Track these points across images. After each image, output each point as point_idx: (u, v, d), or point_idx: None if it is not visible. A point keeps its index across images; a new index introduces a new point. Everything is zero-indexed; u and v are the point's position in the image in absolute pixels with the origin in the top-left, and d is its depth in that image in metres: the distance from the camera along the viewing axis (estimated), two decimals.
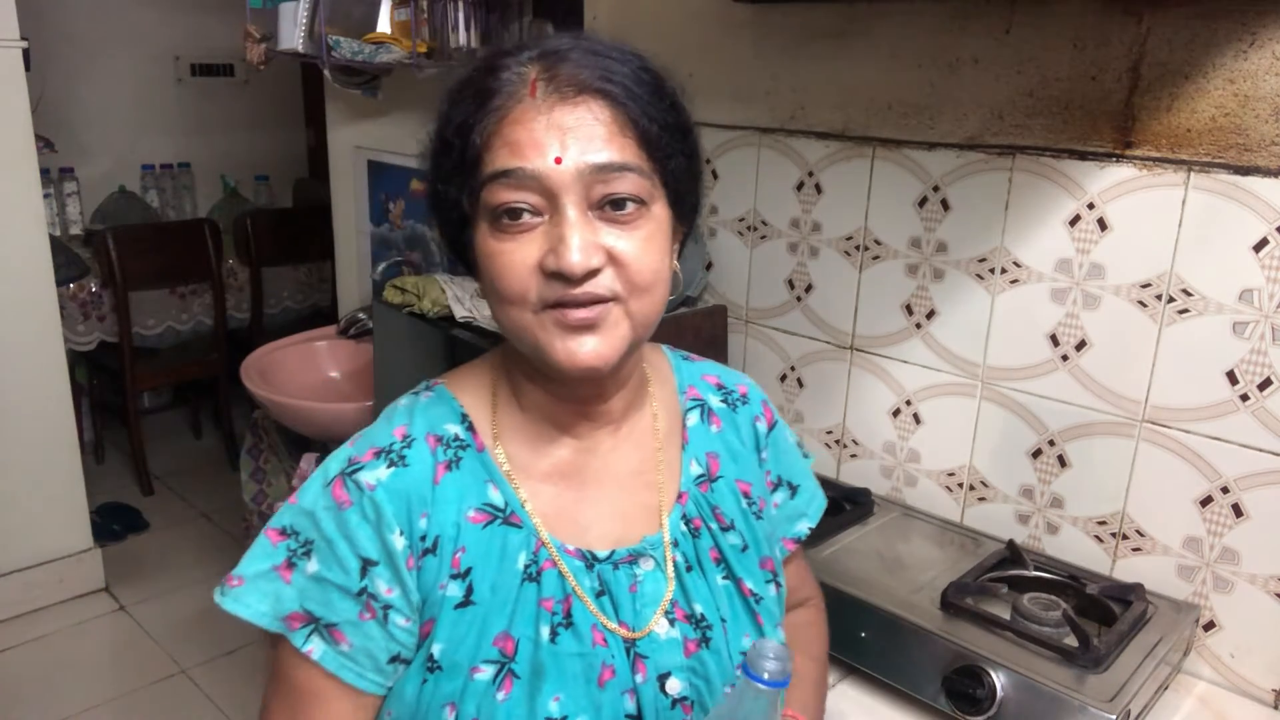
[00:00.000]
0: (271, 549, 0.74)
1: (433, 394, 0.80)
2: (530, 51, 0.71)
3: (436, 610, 0.73)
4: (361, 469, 0.73)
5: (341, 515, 0.72)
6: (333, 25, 1.87)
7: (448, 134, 0.73)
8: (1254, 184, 1.11)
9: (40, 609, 2.77)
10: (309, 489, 0.75)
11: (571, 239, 0.68)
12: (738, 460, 0.89)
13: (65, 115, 3.75)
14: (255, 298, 3.63)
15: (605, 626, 0.75)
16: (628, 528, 0.80)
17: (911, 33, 1.39)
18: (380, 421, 0.78)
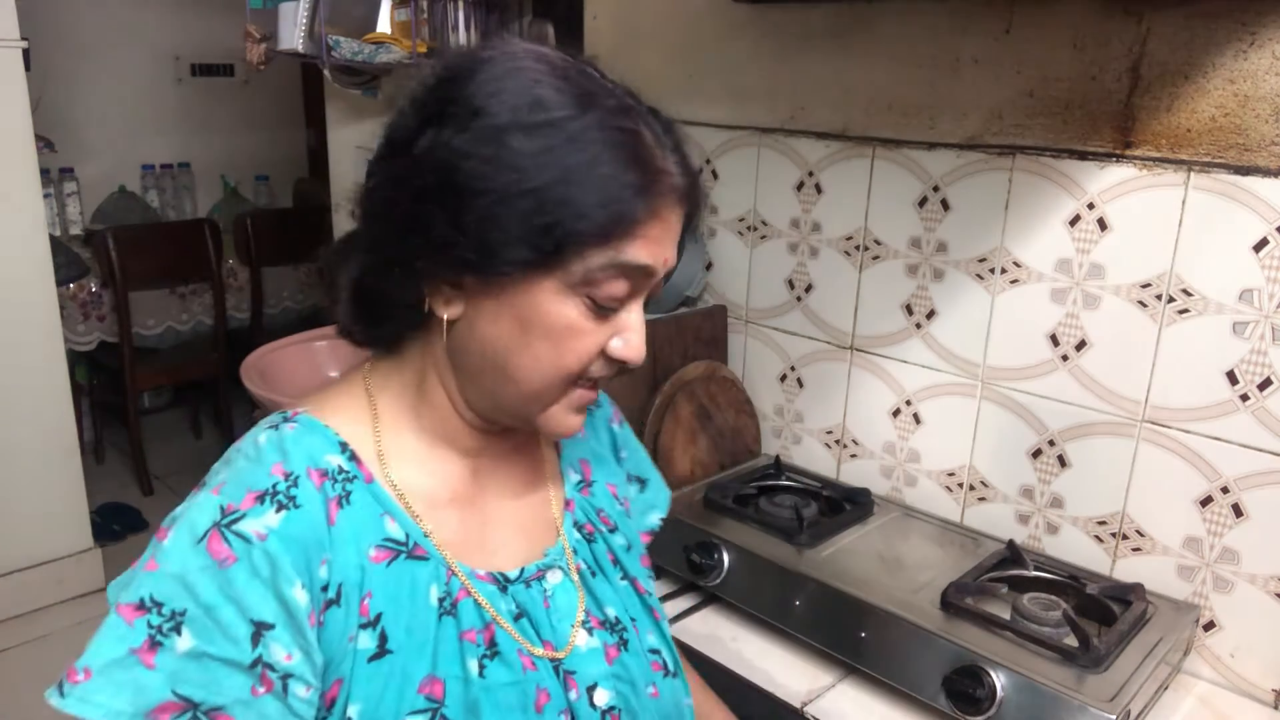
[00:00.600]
0: (127, 629, 0.61)
1: (297, 424, 0.70)
2: (669, 136, 0.69)
3: (346, 668, 0.65)
4: (243, 517, 0.63)
5: (225, 574, 0.61)
6: (333, 25, 1.87)
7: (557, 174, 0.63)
8: (1254, 184, 1.11)
9: (40, 609, 2.77)
10: (173, 551, 0.63)
11: (640, 334, 0.69)
12: (603, 464, 0.90)
13: (65, 115, 3.75)
14: (255, 298, 3.63)
15: (530, 651, 0.72)
16: (531, 542, 0.79)
17: (911, 33, 1.39)
18: (242, 461, 0.67)
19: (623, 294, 0.67)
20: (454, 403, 0.74)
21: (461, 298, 0.68)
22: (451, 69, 0.67)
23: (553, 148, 0.63)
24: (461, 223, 0.63)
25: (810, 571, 1.24)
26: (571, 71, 0.67)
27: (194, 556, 0.62)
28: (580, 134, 0.63)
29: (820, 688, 1.18)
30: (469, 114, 0.64)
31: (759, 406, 1.70)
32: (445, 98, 0.65)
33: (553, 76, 0.65)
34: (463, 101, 0.64)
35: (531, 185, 0.62)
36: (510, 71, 0.65)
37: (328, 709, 0.65)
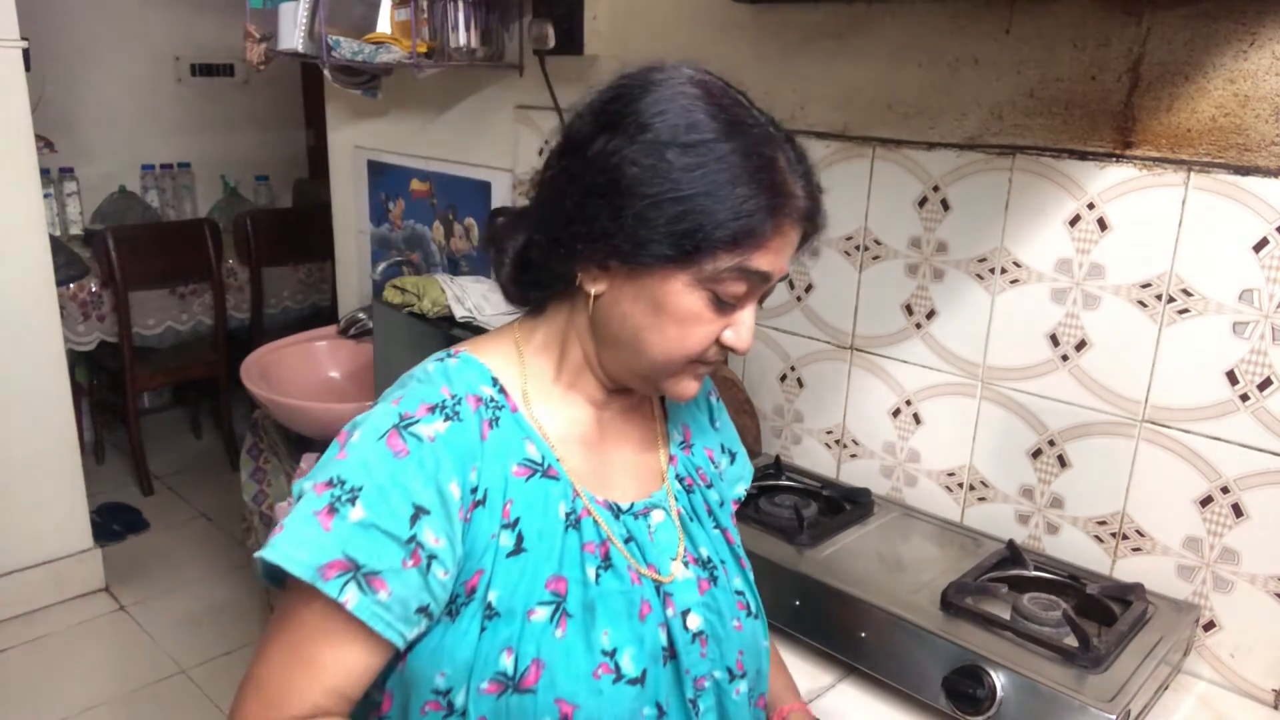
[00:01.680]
0: (315, 498, 0.74)
1: (458, 360, 0.85)
2: (801, 164, 0.81)
3: (488, 561, 0.77)
4: (416, 422, 0.77)
5: (398, 463, 0.75)
6: (333, 25, 1.87)
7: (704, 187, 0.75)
8: (1254, 184, 1.11)
9: (40, 609, 2.77)
10: (360, 444, 0.76)
11: (750, 329, 0.82)
12: (703, 430, 1.03)
13: (65, 115, 3.75)
14: (255, 298, 3.63)
15: (636, 569, 0.84)
16: (641, 484, 0.91)
17: (911, 33, 1.39)
18: (415, 384, 0.82)
19: (742, 293, 0.80)
20: (589, 363, 0.87)
21: (607, 278, 0.81)
22: (627, 86, 0.80)
23: (702, 165, 0.75)
24: (620, 218, 0.76)
25: (810, 571, 1.24)
26: (725, 100, 0.80)
27: (375, 447, 0.75)
28: (726, 156, 0.76)
29: (820, 688, 1.18)
30: (637, 128, 0.76)
31: (759, 406, 1.70)
32: (619, 111, 0.78)
33: (708, 103, 0.78)
34: (632, 116, 0.77)
35: (681, 194, 0.75)
36: (675, 95, 0.78)
37: (468, 595, 0.77)
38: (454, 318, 1.60)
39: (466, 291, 1.67)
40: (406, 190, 2.40)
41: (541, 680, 0.76)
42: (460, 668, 0.77)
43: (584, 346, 0.86)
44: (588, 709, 0.77)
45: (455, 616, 0.77)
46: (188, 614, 2.79)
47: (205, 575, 3.00)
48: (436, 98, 2.25)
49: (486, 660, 0.76)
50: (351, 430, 0.78)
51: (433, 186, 2.33)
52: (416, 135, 2.34)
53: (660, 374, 0.83)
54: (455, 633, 0.77)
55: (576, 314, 0.86)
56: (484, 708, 0.76)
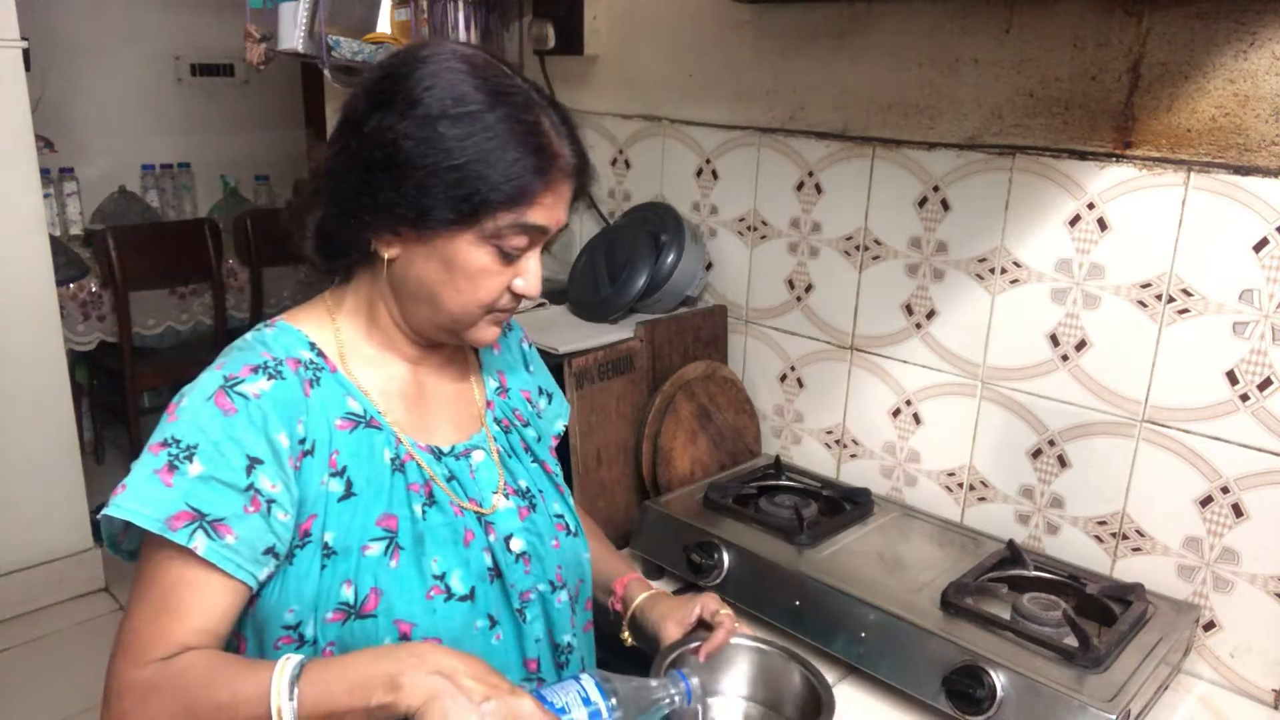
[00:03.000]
0: (153, 458, 0.80)
1: (275, 328, 0.92)
2: (565, 126, 0.89)
3: (320, 505, 0.85)
4: (242, 382, 0.84)
5: (229, 420, 0.82)
6: (333, 25, 1.87)
7: (475, 154, 0.82)
8: (1254, 184, 1.11)
9: (40, 609, 2.77)
10: (189, 406, 0.82)
11: (538, 275, 0.91)
12: (516, 374, 1.12)
13: (65, 115, 3.75)
14: (255, 298, 3.63)
15: (458, 503, 0.94)
16: (460, 429, 1.00)
17: (911, 33, 1.39)
18: (237, 351, 0.88)
19: (524, 245, 0.88)
20: (396, 322, 0.95)
21: (399, 243, 0.88)
22: (395, 66, 0.86)
23: (472, 134, 0.82)
24: (401, 189, 0.83)
25: (810, 571, 1.24)
26: (489, 71, 0.86)
27: (205, 407, 0.82)
28: (493, 124, 0.83)
29: None
30: (408, 104, 0.83)
31: (759, 406, 1.70)
32: (389, 89, 0.84)
33: (473, 76, 0.85)
34: (403, 93, 0.83)
35: (455, 162, 0.82)
36: (441, 70, 0.84)
37: (302, 538, 0.85)
38: None
39: None
40: None
41: (380, 605, 0.85)
42: (306, 603, 0.84)
43: (389, 307, 0.94)
44: (424, 625, 0.87)
45: (292, 559, 0.84)
46: None
47: None
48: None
49: (329, 593, 0.84)
50: (180, 398, 0.84)
51: None
52: None
53: (460, 325, 0.92)
54: (297, 572, 0.84)
55: (378, 278, 0.93)
56: (330, 634, 0.85)
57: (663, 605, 1.10)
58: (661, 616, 1.08)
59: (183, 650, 0.78)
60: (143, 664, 0.77)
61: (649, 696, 0.88)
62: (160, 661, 0.77)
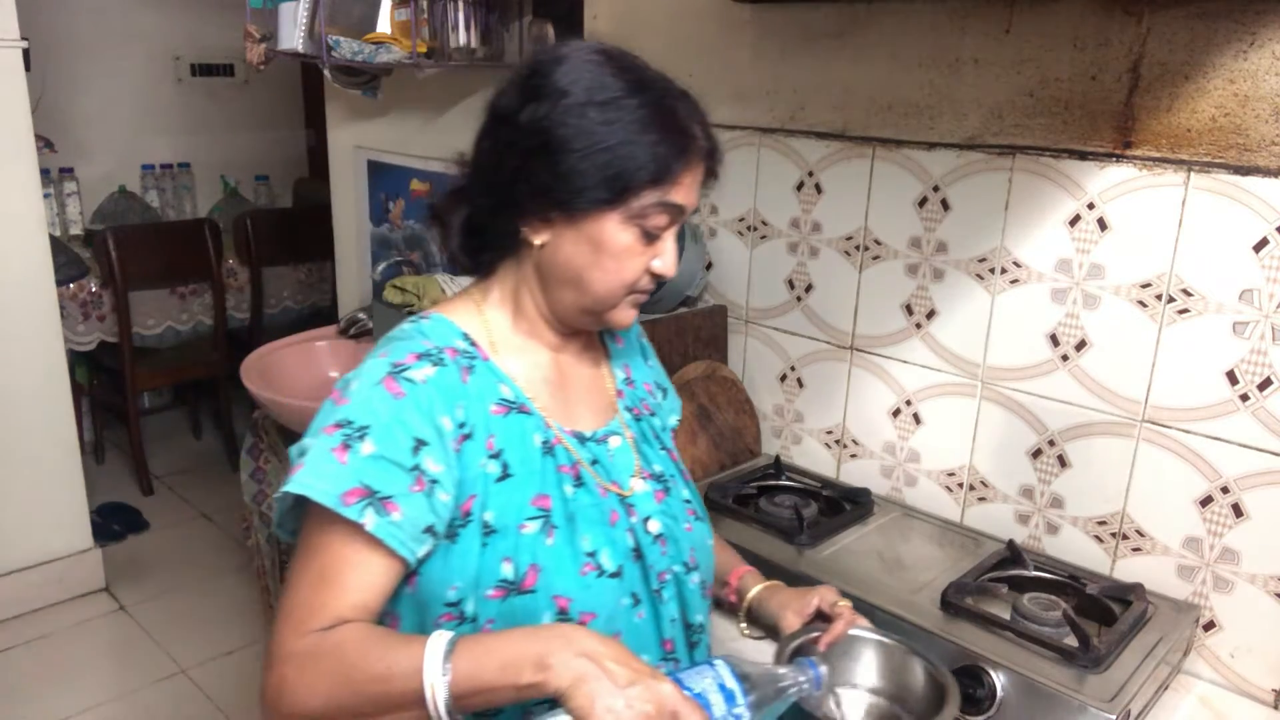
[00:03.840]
0: (328, 438, 0.84)
1: (430, 320, 0.96)
2: (698, 113, 0.95)
3: (479, 486, 0.89)
4: (409, 368, 0.89)
5: (397, 403, 0.86)
6: (333, 25, 1.87)
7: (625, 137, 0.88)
8: (1254, 184, 1.11)
9: (40, 609, 2.77)
10: (359, 390, 0.87)
11: (673, 255, 0.96)
12: (639, 367, 1.16)
13: (65, 115, 3.75)
14: (255, 298, 3.63)
15: (602, 485, 0.97)
16: (598, 415, 1.04)
17: (911, 33, 1.39)
18: (399, 341, 0.93)
19: (664, 224, 0.93)
20: (540, 310, 0.99)
21: (549, 228, 0.92)
22: (541, 63, 0.91)
23: (619, 119, 0.88)
24: (558, 172, 0.88)
25: (810, 571, 1.24)
26: (625, 63, 0.92)
27: (375, 391, 0.87)
28: (635, 109, 0.88)
29: None
30: (558, 94, 0.88)
31: (759, 406, 1.70)
32: (539, 84, 0.90)
33: (613, 67, 0.91)
34: (552, 86, 0.89)
35: (605, 145, 0.87)
36: (584, 64, 0.90)
37: (464, 518, 0.88)
38: None
39: None
40: (406, 190, 2.40)
41: (540, 581, 0.88)
42: (468, 580, 0.87)
43: (534, 296, 0.98)
44: (580, 600, 0.90)
45: (454, 539, 0.88)
46: (188, 614, 2.79)
47: (205, 575, 2.99)
48: (436, 98, 2.25)
49: (489, 570, 0.87)
50: (345, 385, 0.89)
51: (433, 186, 2.33)
52: (416, 135, 2.34)
53: (603, 306, 0.95)
54: (459, 551, 0.88)
55: (523, 267, 0.97)
56: (491, 610, 0.87)
57: (780, 596, 1.14)
58: (780, 607, 1.12)
59: (340, 623, 0.81)
60: (303, 633, 0.81)
61: (779, 683, 0.88)
62: (319, 632, 0.81)
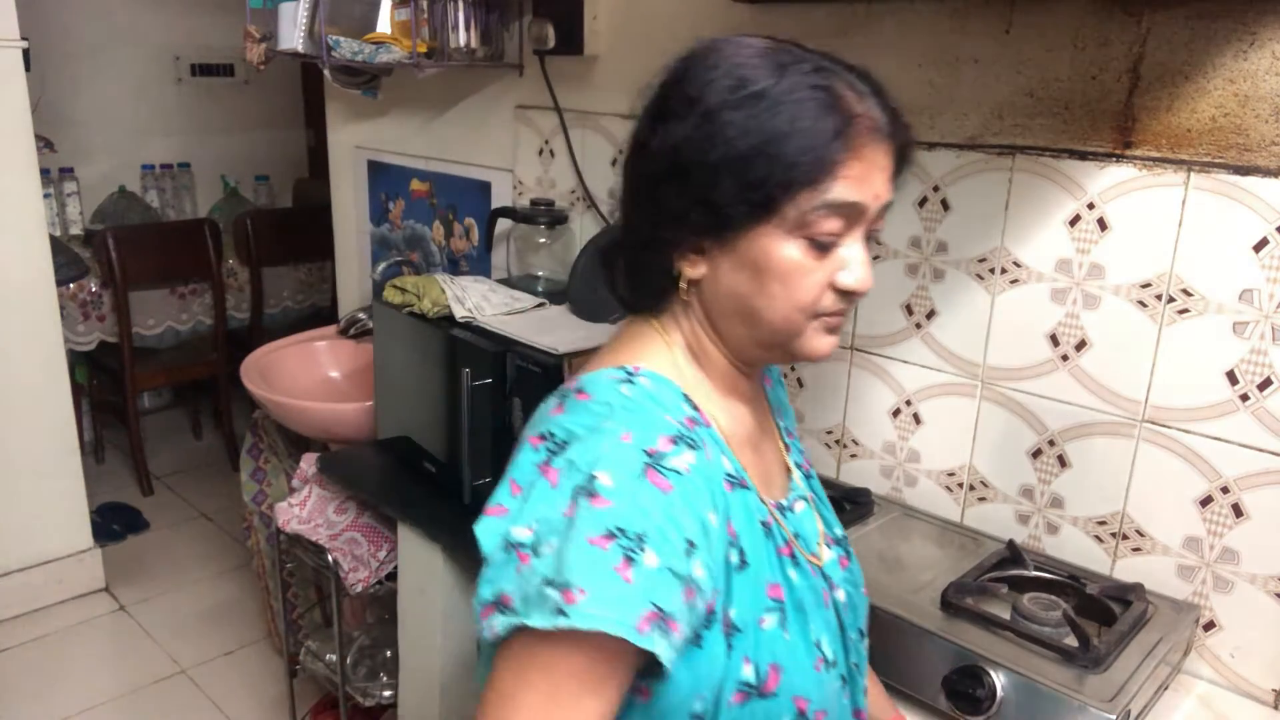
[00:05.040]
0: (603, 553, 0.68)
1: (649, 380, 0.80)
2: (865, 84, 0.77)
3: (723, 581, 0.76)
4: (667, 455, 0.73)
5: (667, 499, 0.71)
6: (333, 25, 1.87)
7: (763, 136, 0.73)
8: (1254, 184, 1.11)
9: (40, 609, 2.77)
10: (621, 489, 0.70)
11: (865, 265, 0.78)
12: (786, 413, 1.02)
13: (65, 115, 3.74)
14: (255, 298, 3.63)
15: (811, 560, 0.86)
16: (783, 477, 0.92)
17: (911, 33, 1.39)
18: (633, 414, 0.76)
19: (838, 230, 0.76)
20: (723, 352, 0.84)
21: (704, 260, 0.79)
22: (670, 72, 0.80)
23: (756, 115, 0.73)
24: (689, 194, 0.76)
25: None
26: (768, 48, 0.78)
27: (641, 487, 0.71)
28: (779, 97, 0.73)
29: None
30: (687, 104, 0.76)
31: None
32: (666, 97, 0.79)
33: (752, 57, 0.76)
34: (681, 97, 0.77)
35: (740, 150, 0.73)
36: (717, 60, 0.77)
37: (708, 616, 0.74)
38: (454, 318, 1.60)
39: (466, 291, 1.67)
40: (406, 190, 2.40)
41: (781, 683, 0.78)
42: (714, 687, 0.75)
43: (711, 337, 0.84)
44: (816, 700, 0.80)
45: (700, 642, 0.74)
46: (188, 614, 2.79)
47: (205, 575, 3.00)
48: (436, 98, 2.25)
49: (733, 674, 0.76)
50: (589, 478, 0.71)
51: (433, 186, 2.33)
52: (416, 135, 2.34)
53: (784, 337, 0.80)
54: (705, 656, 0.75)
55: (691, 308, 0.84)
56: (730, 718, 0.76)
57: None
58: None
59: None
60: None
61: None
62: None
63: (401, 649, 1.72)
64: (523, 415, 1.47)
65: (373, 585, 1.80)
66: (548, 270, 1.93)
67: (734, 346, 0.84)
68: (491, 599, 0.70)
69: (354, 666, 2.01)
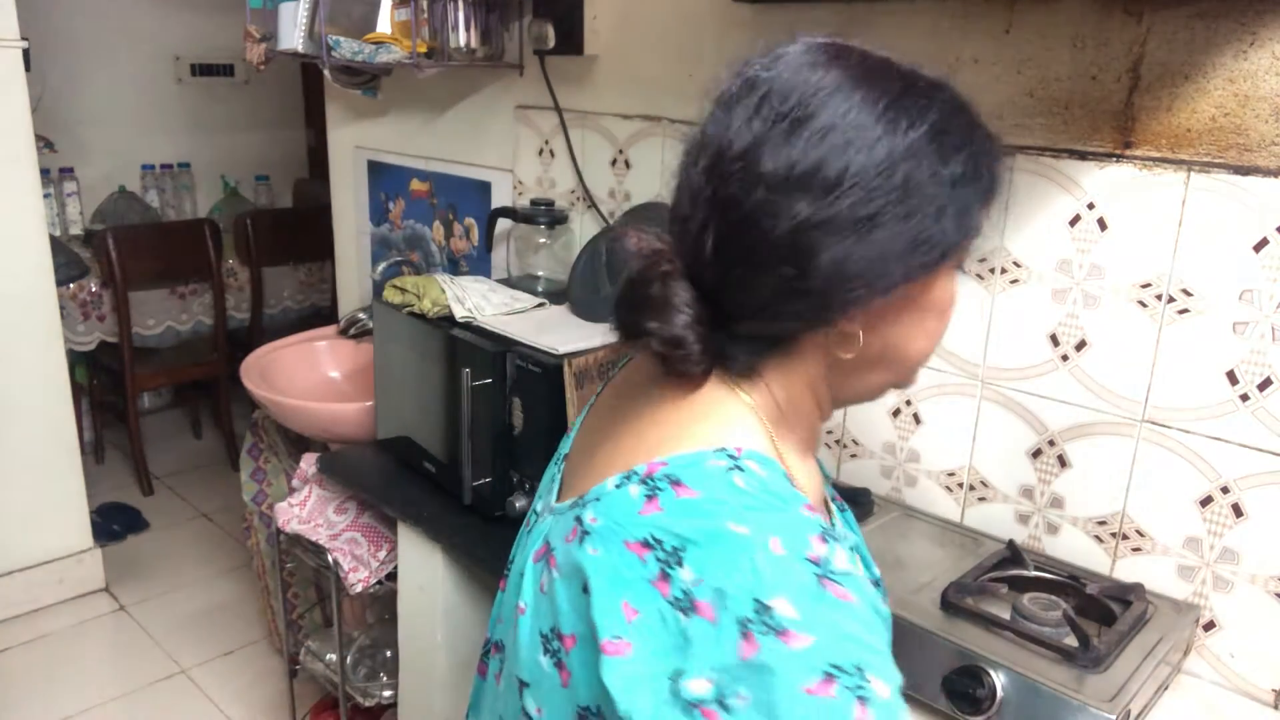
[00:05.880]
0: (835, 702, 0.59)
1: (762, 466, 0.69)
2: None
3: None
4: (829, 559, 0.64)
5: (855, 609, 0.63)
6: (333, 25, 1.87)
7: (990, 164, 0.71)
8: (1254, 184, 1.11)
9: (40, 609, 2.77)
10: (810, 618, 0.61)
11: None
12: None
13: (65, 115, 3.75)
14: (255, 298, 3.63)
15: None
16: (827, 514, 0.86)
17: (911, 33, 1.39)
18: (763, 514, 0.66)
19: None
20: (823, 410, 0.77)
21: (864, 314, 0.70)
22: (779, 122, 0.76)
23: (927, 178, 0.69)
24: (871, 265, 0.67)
25: None
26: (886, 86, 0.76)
27: (830, 606, 0.62)
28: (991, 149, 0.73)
29: None
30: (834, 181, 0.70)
31: None
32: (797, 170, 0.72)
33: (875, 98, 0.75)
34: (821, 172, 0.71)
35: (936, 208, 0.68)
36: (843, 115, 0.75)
37: None
38: (454, 318, 1.60)
39: (466, 291, 1.67)
40: (406, 190, 2.40)
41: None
42: None
43: (817, 394, 0.76)
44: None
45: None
46: (188, 614, 2.79)
47: (205, 575, 3.00)
48: (436, 98, 2.25)
49: None
50: (757, 610, 0.61)
51: (433, 186, 2.33)
52: (416, 135, 2.34)
53: (914, 374, 0.78)
54: None
55: (808, 364, 0.74)
56: None
57: None
58: None
59: None
60: None
61: None
62: None
63: (401, 649, 1.72)
64: (523, 415, 1.47)
65: (373, 585, 1.80)
66: (548, 270, 1.94)
67: (851, 396, 0.77)
68: None
69: (354, 666, 2.01)
